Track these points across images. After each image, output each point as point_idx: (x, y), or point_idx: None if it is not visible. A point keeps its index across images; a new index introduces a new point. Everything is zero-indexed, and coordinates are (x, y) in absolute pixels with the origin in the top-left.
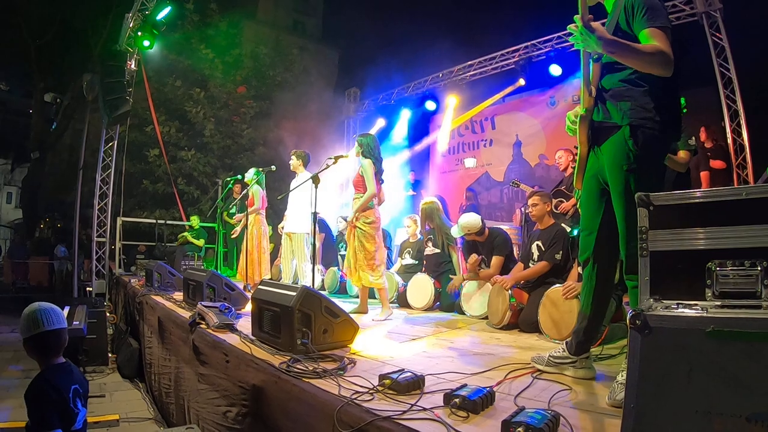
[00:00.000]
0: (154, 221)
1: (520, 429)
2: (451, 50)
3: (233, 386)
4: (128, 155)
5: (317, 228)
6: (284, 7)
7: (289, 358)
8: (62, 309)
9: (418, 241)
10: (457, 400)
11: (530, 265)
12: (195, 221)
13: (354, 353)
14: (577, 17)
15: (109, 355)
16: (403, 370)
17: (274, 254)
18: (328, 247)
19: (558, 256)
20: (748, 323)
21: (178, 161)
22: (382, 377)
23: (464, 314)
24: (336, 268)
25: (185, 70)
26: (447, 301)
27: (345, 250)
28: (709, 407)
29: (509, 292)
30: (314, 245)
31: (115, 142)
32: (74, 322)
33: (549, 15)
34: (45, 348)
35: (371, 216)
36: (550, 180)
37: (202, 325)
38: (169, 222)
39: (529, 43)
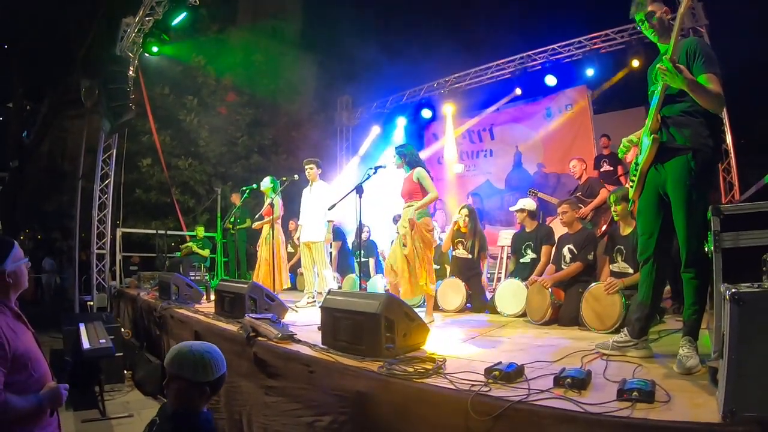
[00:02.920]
0: (154, 232)
1: (635, 393)
2: (447, 59)
3: (324, 395)
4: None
5: (332, 236)
6: (263, 12)
7: (380, 363)
8: (74, 325)
9: (438, 246)
10: (569, 380)
11: (562, 266)
12: (200, 231)
13: (430, 354)
14: (666, 58)
15: (125, 372)
16: (501, 362)
17: None
18: (343, 255)
19: (590, 257)
20: None
21: (172, 169)
22: (488, 370)
23: (498, 314)
24: (354, 275)
25: (176, 77)
26: (478, 303)
27: (364, 257)
28: None
29: (549, 290)
30: (360, 253)
31: (114, 150)
32: (100, 341)
33: (544, 27)
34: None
35: (431, 224)
36: (549, 186)
37: (260, 338)
38: (169, 232)
39: (524, 54)
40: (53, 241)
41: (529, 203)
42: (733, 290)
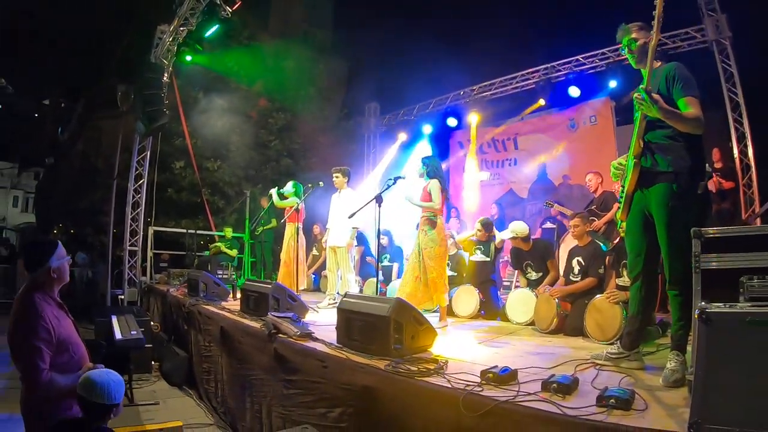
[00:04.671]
0: (185, 231)
1: (612, 400)
2: (473, 69)
3: (336, 389)
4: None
5: (355, 241)
6: (294, 18)
7: (387, 362)
8: (106, 317)
9: (456, 254)
10: (555, 385)
11: (570, 278)
12: (228, 232)
13: (435, 357)
14: (642, 88)
15: (152, 363)
16: (497, 365)
17: None
18: (365, 259)
19: (601, 271)
20: None
21: (203, 171)
22: (484, 372)
23: (508, 321)
24: (375, 279)
25: (210, 82)
26: (491, 309)
27: (389, 261)
28: (751, 369)
29: (557, 301)
30: (379, 258)
31: (148, 152)
32: (132, 332)
33: (568, 38)
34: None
35: (443, 233)
36: (573, 198)
37: (281, 335)
38: (199, 232)
39: (549, 65)
40: (85, 236)
41: (520, 228)
42: (702, 309)
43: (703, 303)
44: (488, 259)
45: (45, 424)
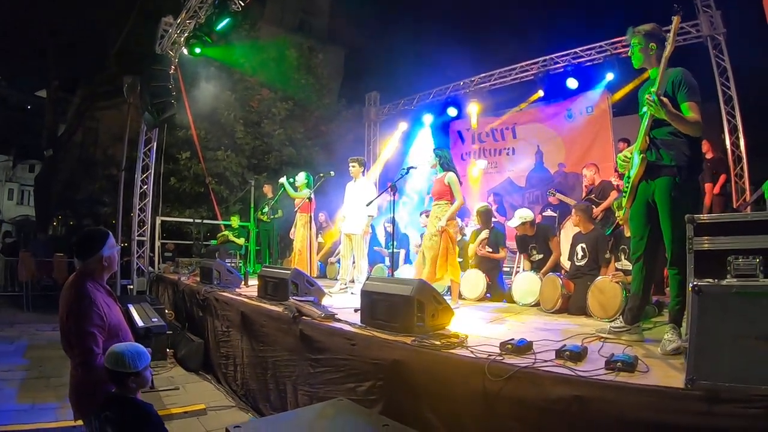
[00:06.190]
0: (192, 220)
1: (619, 364)
2: (472, 60)
3: (364, 364)
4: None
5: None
6: (291, 6)
7: (412, 338)
8: (122, 305)
9: (462, 241)
10: (567, 353)
11: (575, 262)
12: (235, 221)
13: (455, 333)
14: (653, 91)
15: (167, 350)
16: (513, 338)
17: None
18: (372, 247)
19: (606, 256)
20: (753, 287)
21: (208, 161)
22: (503, 344)
23: (514, 303)
24: (382, 264)
25: (214, 72)
26: (497, 292)
27: (395, 248)
28: (736, 332)
29: (560, 282)
30: (393, 244)
31: (154, 143)
32: (153, 320)
33: (566, 31)
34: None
35: (457, 225)
36: (568, 186)
37: (305, 318)
38: (206, 221)
39: (547, 57)
40: (84, 227)
41: (527, 213)
42: (695, 283)
43: (695, 279)
44: (491, 251)
45: (96, 404)
